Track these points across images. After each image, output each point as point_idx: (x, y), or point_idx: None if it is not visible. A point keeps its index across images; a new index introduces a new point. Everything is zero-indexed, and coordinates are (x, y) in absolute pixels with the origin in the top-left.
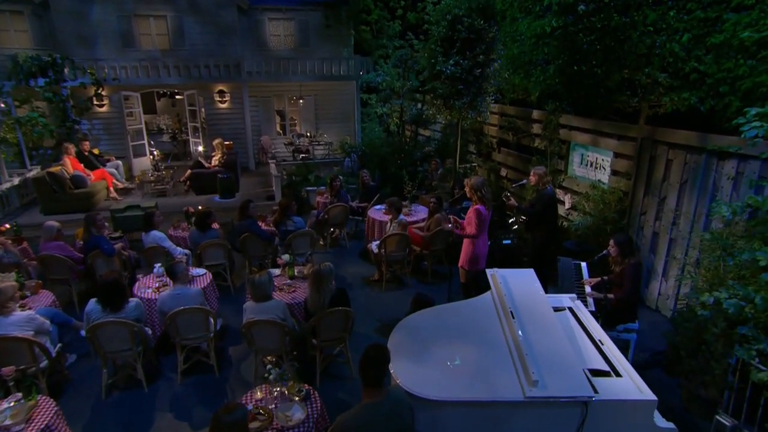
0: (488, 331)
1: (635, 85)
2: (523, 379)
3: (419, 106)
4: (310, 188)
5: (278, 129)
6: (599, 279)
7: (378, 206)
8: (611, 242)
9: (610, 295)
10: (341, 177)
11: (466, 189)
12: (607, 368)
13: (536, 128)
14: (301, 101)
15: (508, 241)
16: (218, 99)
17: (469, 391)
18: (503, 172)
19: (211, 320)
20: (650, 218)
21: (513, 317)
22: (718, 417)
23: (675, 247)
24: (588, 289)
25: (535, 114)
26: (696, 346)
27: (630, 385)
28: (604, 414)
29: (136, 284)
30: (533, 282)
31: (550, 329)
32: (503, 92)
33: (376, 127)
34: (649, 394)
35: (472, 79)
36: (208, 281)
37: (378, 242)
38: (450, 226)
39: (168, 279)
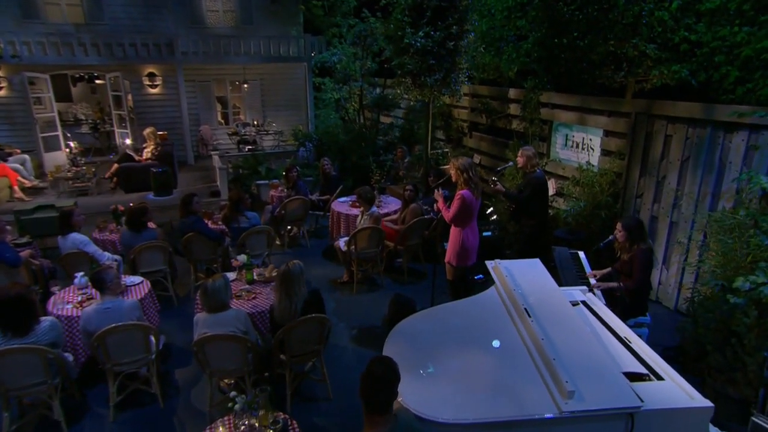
0: (501, 334)
1: (621, 58)
2: (555, 390)
3: (378, 90)
4: (261, 182)
5: (220, 118)
6: (608, 270)
7: (342, 198)
8: (619, 226)
9: (621, 284)
10: (298, 167)
11: (452, 170)
12: (643, 370)
13: (513, 108)
14: (245, 86)
15: (488, 233)
16: (148, 83)
17: (492, 410)
18: (476, 158)
19: (152, 338)
20: (648, 201)
21: (529, 316)
22: (754, 419)
23: (677, 232)
24: (593, 281)
25: (512, 93)
26: (723, 339)
27: (676, 389)
28: (653, 426)
29: (52, 299)
30: (543, 274)
31: (574, 328)
32: (474, 71)
33: (332, 113)
34: (702, 401)
35: (444, 52)
36: (146, 291)
37: (346, 238)
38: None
39: (93, 290)
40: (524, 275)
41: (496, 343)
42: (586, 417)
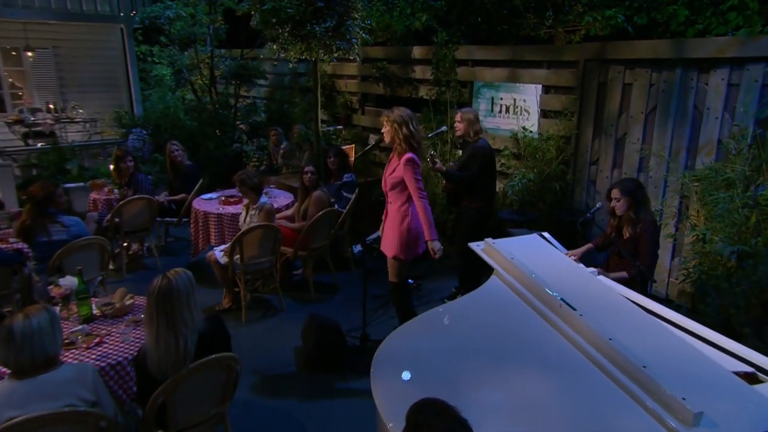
0: (538, 340)
1: (546, 4)
2: (666, 415)
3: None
4: (72, 184)
5: None
6: (587, 247)
7: (206, 195)
8: (615, 193)
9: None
10: (131, 156)
11: (385, 127)
12: (747, 368)
13: (420, 71)
14: (29, 56)
15: None
16: None
17: None
18: (372, 139)
19: None
20: (605, 167)
21: (574, 309)
22: None
23: None
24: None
25: (417, 52)
26: (759, 318)
27: None
28: None
29: None
30: (554, 253)
31: (636, 321)
32: (371, 24)
33: (167, 93)
34: None
35: None
36: None
37: (225, 247)
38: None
39: None
40: (532, 257)
41: (536, 354)
42: None
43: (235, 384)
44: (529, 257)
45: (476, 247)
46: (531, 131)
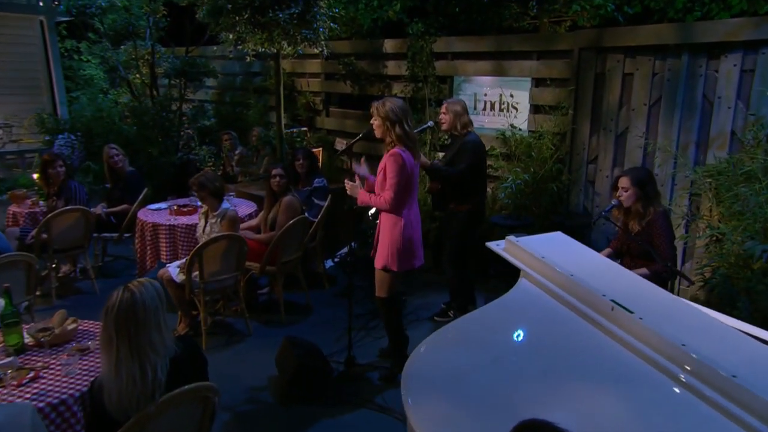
0: (589, 351)
1: None
2: None
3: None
4: None
5: None
6: (607, 251)
7: (153, 205)
8: (624, 182)
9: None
10: (63, 160)
11: (374, 121)
12: None
13: (393, 67)
14: None
15: None
16: None
17: None
18: (339, 144)
19: None
20: (605, 165)
21: (631, 312)
22: None
23: None
24: None
25: (389, 45)
26: None
27: None
28: None
29: None
30: (584, 250)
31: (699, 323)
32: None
33: (98, 95)
34: None
35: None
36: None
37: (180, 263)
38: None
39: None
40: (563, 255)
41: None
42: None
43: (211, 421)
44: (560, 256)
45: (496, 246)
46: (521, 129)
